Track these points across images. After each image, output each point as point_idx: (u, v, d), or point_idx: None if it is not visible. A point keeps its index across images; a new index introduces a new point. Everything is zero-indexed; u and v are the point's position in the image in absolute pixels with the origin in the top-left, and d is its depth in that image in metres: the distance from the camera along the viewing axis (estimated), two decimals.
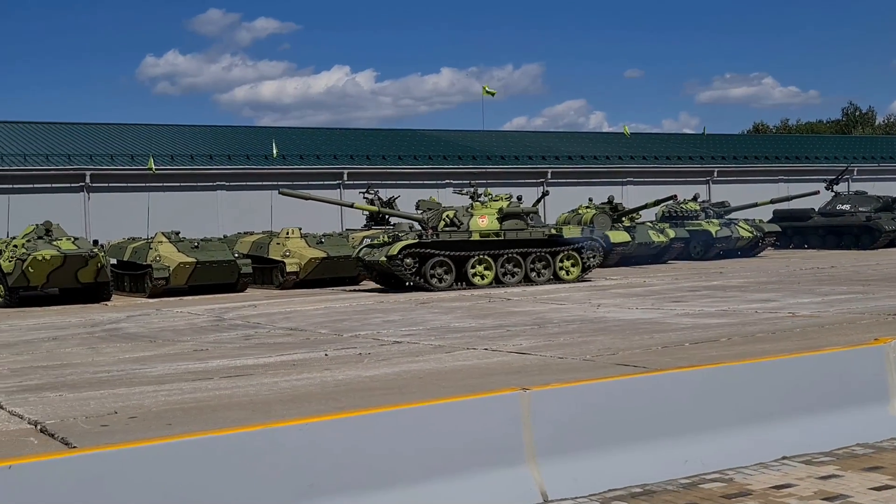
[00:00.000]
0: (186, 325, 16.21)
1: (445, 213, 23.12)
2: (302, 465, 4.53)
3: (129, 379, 10.02)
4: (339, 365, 10.50)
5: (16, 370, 11.08)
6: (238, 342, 13.30)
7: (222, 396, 8.69)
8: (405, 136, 43.99)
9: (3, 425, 7.66)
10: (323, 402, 8.11)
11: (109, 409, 8.14)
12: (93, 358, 12.03)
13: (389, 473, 4.70)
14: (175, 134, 39.24)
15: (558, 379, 8.28)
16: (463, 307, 17.49)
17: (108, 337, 14.61)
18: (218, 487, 4.36)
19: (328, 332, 14.06)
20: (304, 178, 35.21)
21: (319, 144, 39.38)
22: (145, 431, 7.08)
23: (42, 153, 32.30)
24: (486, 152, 40.75)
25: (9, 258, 21.46)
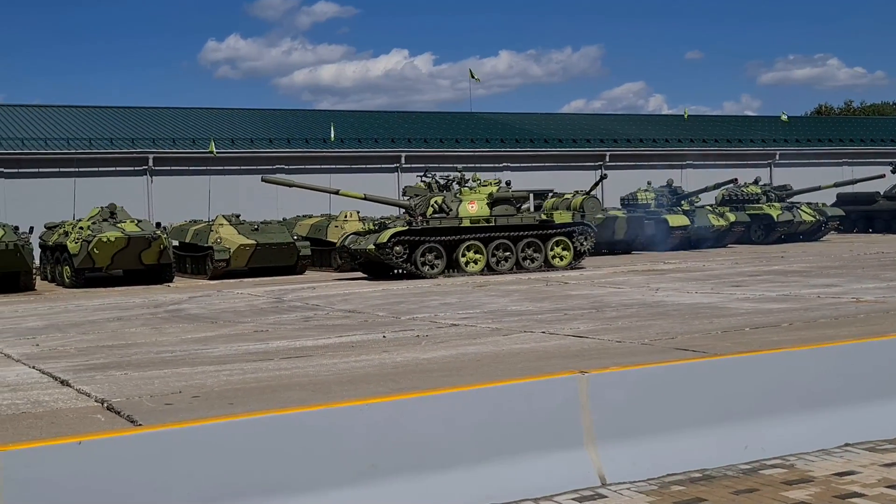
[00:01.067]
0: (247, 306, 16.43)
1: (434, 199, 22.60)
2: (362, 446, 4.58)
3: (191, 359, 10.19)
4: (396, 347, 10.58)
5: (82, 349, 11.33)
6: (297, 324, 13.45)
7: (282, 377, 8.80)
8: (462, 118, 43.93)
9: (71, 402, 7.85)
10: (381, 384, 8.18)
11: (173, 389, 8.29)
12: (156, 338, 12.25)
13: (448, 455, 4.74)
14: (235, 118, 39.65)
15: (616, 363, 8.26)
16: (520, 290, 17.48)
17: (170, 318, 14.86)
18: (279, 466, 4.44)
19: (386, 315, 14.15)
20: (362, 162, 35.40)
21: (377, 128, 39.51)
22: (208, 410, 7.21)
23: (107, 137, 32.87)
24: (544, 135, 40.54)
25: (75, 240, 21.92)
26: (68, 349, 11.38)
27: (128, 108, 39.34)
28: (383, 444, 4.62)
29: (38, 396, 8.15)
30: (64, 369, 9.58)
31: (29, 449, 4.19)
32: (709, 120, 50.77)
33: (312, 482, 4.47)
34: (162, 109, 39.74)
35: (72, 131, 33.37)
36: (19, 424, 7.02)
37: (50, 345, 11.81)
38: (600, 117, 49.84)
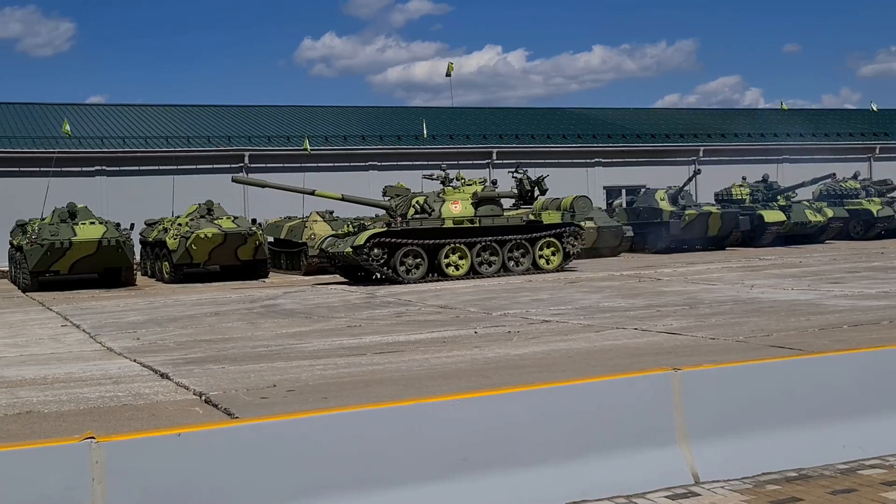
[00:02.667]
0: (340, 301, 16.63)
1: (415, 199, 21.33)
2: (454, 440, 4.61)
3: (286, 353, 10.37)
4: (488, 343, 10.59)
5: (181, 343, 11.62)
6: (390, 319, 13.57)
7: (375, 372, 8.90)
8: (554, 114, 43.70)
9: (170, 395, 8.06)
10: (473, 379, 8.20)
11: (268, 382, 8.45)
12: (252, 333, 12.50)
13: (541, 450, 4.74)
14: (329, 115, 40.14)
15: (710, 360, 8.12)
16: (612, 287, 17.33)
17: (266, 313, 15.14)
18: (374, 459, 4.49)
19: (477, 311, 14.18)
20: (454, 158, 35.46)
21: (469, 124, 39.55)
22: (303, 404, 7.32)
23: (204, 135, 33.61)
24: (636, 130, 40.07)
25: (174, 236, 22.50)
26: (167, 343, 11.68)
27: (225, 106, 40.16)
28: (475, 439, 4.64)
29: (139, 389, 8.39)
30: (163, 363, 9.84)
31: (131, 440, 4.32)
32: (806, 113, 49.48)
33: (405, 476, 4.51)
34: (258, 108, 40.46)
35: (171, 130, 34.22)
36: (121, 416, 7.24)
37: (150, 339, 12.15)
38: (694, 112, 49.01)
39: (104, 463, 4.09)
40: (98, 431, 4.29)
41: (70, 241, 20.92)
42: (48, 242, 20.84)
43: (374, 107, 44.26)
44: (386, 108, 44.36)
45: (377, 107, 44.53)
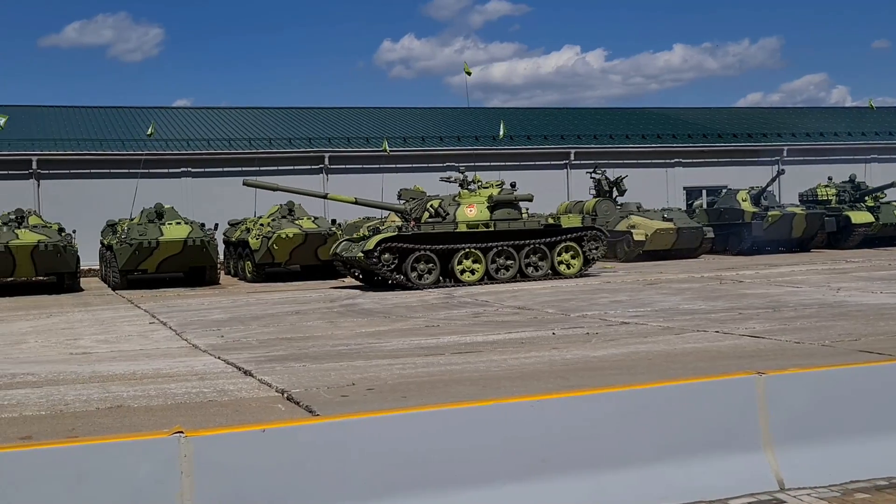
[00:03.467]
0: (418, 301, 16.73)
1: (430, 202, 20.63)
2: (533, 441, 4.61)
3: (365, 352, 10.48)
4: (566, 344, 10.56)
5: (263, 341, 11.82)
6: (467, 319, 13.61)
7: (453, 371, 8.93)
8: (633, 114, 43.30)
9: (253, 392, 8.21)
10: (551, 381, 8.18)
11: (348, 381, 8.54)
12: (332, 331, 12.65)
13: (621, 453, 4.71)
14: (407, 116, 40.37)
15: (795, 364, 7.99)
16: (693, 288, 17.11)
17: (345, 312, 15.30)
18: (452, 458, 4.52)
19: (555, 312, 14.13)
20: (531, 159, 35.42)
21: (547, 124, 39.42)
22: (382, 402, 7.39)
23: (286, 137, 34.10)
24: (717, 130, 39.48)
25: (256, 236, 22.89)
26: (250, 341, 11.89)
27: (306, 108, 40.68)
28: (554, 440, 4.64)
29: (224, 385, 8.56)
30: (246, 360, 10.02)
31: (217, 435, 4.42)
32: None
33: (484, 476, 4.53)
34: (338, 109, 40.89)
35: (253, 132, 34.79)
36: (206, 411, 7.40)
37: (233, 336, 12.38)
38: (778, 111, 48.10)
39: (192, 457, 4.19)
40: (185, 426, 4.40)
41: (157, 241, 21.42)
42: (136, 242, 21.37)
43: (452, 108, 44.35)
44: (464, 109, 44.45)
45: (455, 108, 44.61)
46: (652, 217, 27.20)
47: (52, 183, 29.99)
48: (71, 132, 32.97)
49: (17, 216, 21.89)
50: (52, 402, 7.91)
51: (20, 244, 20.49)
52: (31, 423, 7.14)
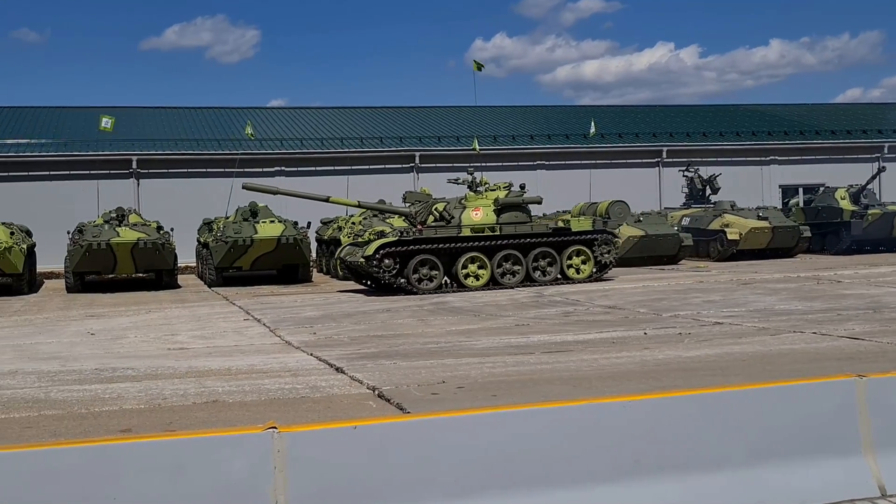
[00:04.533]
0: (508, 300, 16.71)
1: (435, 205, 19.95)
2: (625, 442, 4.57)
3: (456, 350, 10.51)
4: (658, 344, 10.43)
5: (355, 338, 11.95)
6: (557, 318, 13.54)
7: (543, 371, 8.90)
8: (727, 111, 42.53)
9: (345, 389, 8.30)
10: (643, 381, 8.09)
11: (439, 378, 8.58)
12: (422, 329, 12.72)
13: (714, 456, 4.63)
14: (497, 115, 40.37)
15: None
16: (789, 289, 16.74)
17: (435, 310, 15.37)
18: (543, 458, 4.50)
19: (647, 311, 13.97)
20: (622, 157, 35.07)
21: (638, 122, 38.99)
22: (472, 401, 7.41)
23: (377, 136, 34.42)
24: (815, 126, 38.51)
25: (348, 234, 23.15)
26: (342, 338, 12.03)
27: (396, 107, 41.00)
28: (646, 442, 4.59)
29: (316, 382, 8.67)
30: (338, 357, 10.14)
31: (310, 431, 4.48)
32: None
33: (575, 477, 4.50)
34: (428, 108, 41.11)
35: (345, 131, 35.20)
36: (299, 407, 7.51)
37: (325, 333, 12.54)
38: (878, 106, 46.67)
39: (285, 452, 4.25)
40: (278, 422, 4.47)
41: (252, 239, 21.82)
42: (232, 240, 21.82)
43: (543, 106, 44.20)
44: (554, 108, 44.24)
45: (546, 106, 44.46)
46: (746, 216, 26.66)
47: (151, 182, 30.81)
48: (169, 132, 33.83)
49: (118, 215, 22.55)
50: (151, 396, 8.12)
51: (121, 242, 21.09)
52: (131, 416, 7.34)
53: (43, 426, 7.02)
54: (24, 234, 23.03)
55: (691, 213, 28.39)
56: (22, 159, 30.20)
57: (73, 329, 14.03)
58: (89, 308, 17.69)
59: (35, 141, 31.63)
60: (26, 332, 13.83)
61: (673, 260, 25.80)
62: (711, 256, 26.68)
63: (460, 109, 41.31)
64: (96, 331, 13.66)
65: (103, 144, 30.98)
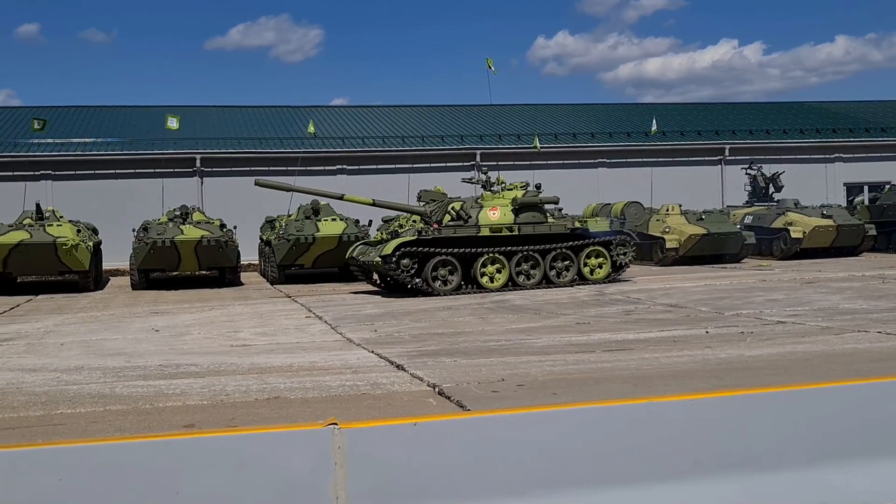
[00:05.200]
0: (569, 298, 16.64)
1: (451, 204, 19.47)
2: (685, 441, 4.52)
3: (515, 348, 10.50)
4: (720, 343, 10.31)
5: (415, 336, 11.99)
6: (618, 317, 13.45)
7: (604, 369, 8.86)
8: (791, 108, 41.87)
9: (405, 386, 8.34)
10: (704, 380, 8.01)
11: (499, 376, 8.58)
12: (483, 327, 12.72)
13: (776, 455, 4.57)
14: (559, 113, 40.22)
15: None
16: (853, 287, 16.43)
17: (496, 308, 15.36)
18: (603, 457, 4.47)
19: (708, 310, 13.81)
20: (684, 155, 34.71)
21: (700, 120, 38.57)
22: (532, 399, 7.40)
23: (438, 134, 34.50)
24: (881, 124, 37.72)
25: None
26: (403, 335, 12.08)
27: (458, 106, 41.06)
28: (707, 441, 4.54)
29: (377, 379, 8.73)
30: (399, 354, 10.19)
31: (370, 427, 4.50)
32: None
33: (634, 476, 4.47)
34: (489, 107, 41.10)
35: (407, 129, 35.34)
36: (360, 404, 7.56)
37: (386, 331, 12.61)
38: None
39: (345, 448, 4.28)
40: (339, 418, 4.50)
41: (313, 237, 22.03)
42: (294, 238, 22.04)
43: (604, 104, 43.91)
44: (616, 105, 43.94)
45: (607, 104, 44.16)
46: (810, 214, 26.23)
47: (215, 180, 31.24)
48: (233, 131, 34.28)
49: (182, 213, 22.91)
50: (214, 392, 8.24)
51: (185, 239, 21.41)
52: (194, 412, 7.46)
53: (108, 421, 7.17)
54: (90, 231, 23.51)
55: (754, 211, 28.01)
56: (89, 158, 30.84)
57: (137, 325, 14.29)
58: (154, 305, 18.01)
59: (102, 140, 32.28)
60: (92, 328, 14.12)
61: (735, 258, 25.48)
62: (774, 255, 26.30)
63: (521, 107, 41.25)
64: (160, 327, 13.90)
65: (168, 143, 31.50)
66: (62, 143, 31.54)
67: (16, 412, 7.64)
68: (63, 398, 8.19)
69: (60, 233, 21.12)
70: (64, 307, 18.01)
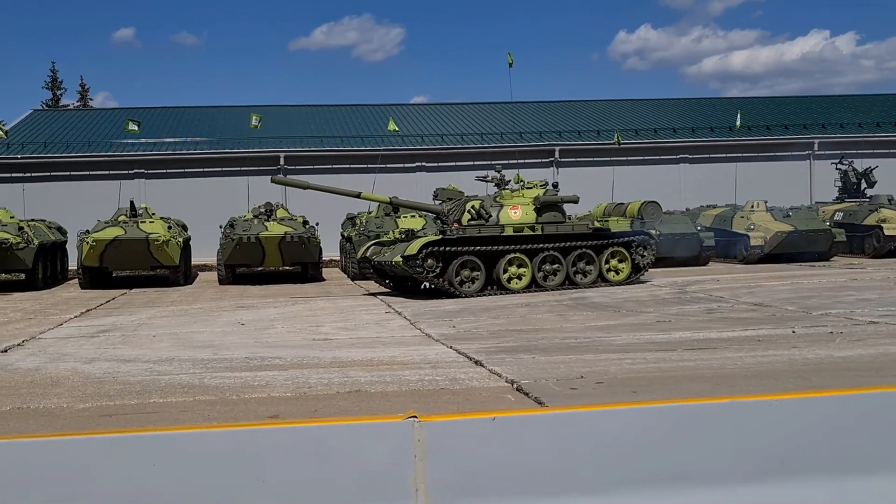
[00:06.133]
0: (649, 296, 16.47)
1: (469, 203, 18.82)
2: (770, 442, 4.44)
3: (595, 346, 10.43)
4: (807, 343, 10.10)
5: (494, 332, 12.00)
6: (701, 315, 13.27)
7: (685, 368, 8.75)
8: (885, 101, 40.73)
9: (484, 382, 8.35)
10: (790, 380, 7.86)
11: (577, 374, 8.53)
12: (561, 324, 12.67)
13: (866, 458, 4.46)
14: (639, 108, 39.81)
15: None
16: None
17: (574, 305, 15.28)
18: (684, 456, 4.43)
19: (795, 309, 13.54)
20: (769, 150, 34.05)
21: (788, 114, 37.79)
22: (611, 396, 7.35)
23: (516, 131, 34.43)
24: None
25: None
26: (481, 332, 12.10)
27: (536, 102, 40.92)
28: (793, 442, 4.45)
29: (455, 374, 8.76)
30: (477, 350, 10.21)
31: (449, 421, 4.53)
32: None
33: (717, 476, 4.41)
34: (569, 103, 40.89)
35: (485, 126, 35.35)
36: (439, 399, 7.60)
37: (464, 327, 12.64)
38: None
39: (425, 441, 4.32)
40: (418, 412, 4.54)
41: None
42: (374, 234, 22.26)
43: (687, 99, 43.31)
44: (699, 100, 43.30)
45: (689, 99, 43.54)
46: None
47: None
48: (315, 130, 34.71)
49: (266, 209, 23.31)
50: (297, 385, 8.37)
51: (269, 236, 21.78)
52: (278, 403, 7.59)
53: (197, 410, 7.34)
54: (180, 228, 24.07)
55: (845, 207, 27.35)
56: (179, 157, 31.55)
57: (224, 319, 14.58)
58: (239, 299, 18.35)
59: (191, 139, 33.00)
60: (182, 321, 14.45)
61: (824, 256, 24.91)
62: (866, 253, 25.66)
63: (600, 103, 40.93)
64: (246, 321, 14.16)
65: (253, 142, 32.05)
66: (154, 143, 32.35)
67: (112, 400, 7.89)
68: (155, 388, 8.41)
69: (152, 229, 21.72)
70: (155, 301, 18.47)
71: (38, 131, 34.29)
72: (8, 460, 4.06)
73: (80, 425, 6.88)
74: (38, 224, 23.61)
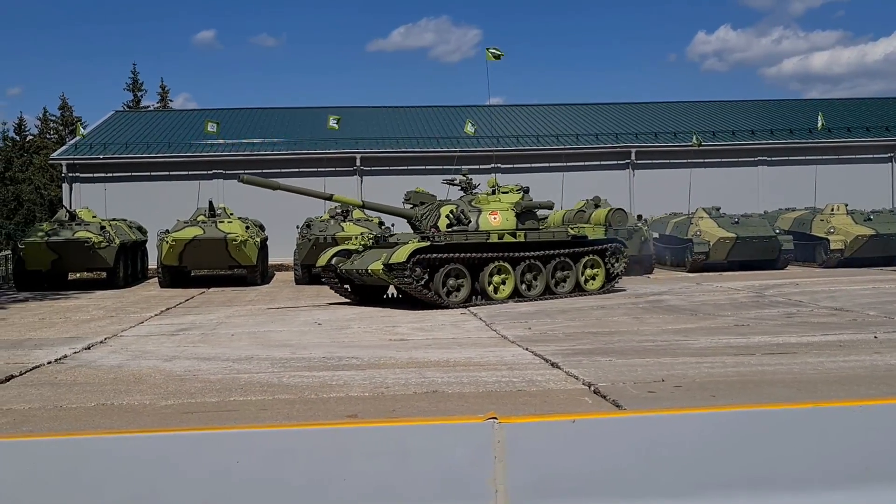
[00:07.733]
0: (727, 299, 16.27)
1: (446, 207, 17.74)
2: (855, 448, 4.40)
3: (672, 349, 10.35)
4: (890, 349, 9.89)
5: (569, 335, 11.98)
6: (780, 319, 13.08)
7: (765, 372, 8.64)
8: None
9: (561, 384, 8.36)
10: (872, 386, 7.72)
11: (656, 377, 8.49)
12: (638, 327, 12.59)
13: None
14: (717, 110, 39.27)
15: None
16: None
17: (651, 308, 15.17)
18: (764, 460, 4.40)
19: (877, 314, 13.26)
20: (850, 152, 33.33)
21: (870, 115, 36.94)
22: (690, 400, 7.30)
23: (593, 133, 34.24)
24: None
25: None
26: (557, 334, 12.09)
27: (613, 104, 40.62)
28: (879, 448, 4.40)
29: (532, 376, 8.78)
30: (553, 352, 10.21)
31: (529, 423, 4.56)
32: None
33: (801, 481, 4.38)
34: (645, 104, 40.51)
35: (561, 128, 35.22)
36: (516, 400, 7.63)
37: (540, 329, 12.64)
38: None
39: (504, 442, 4.36)
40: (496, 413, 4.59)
41: None
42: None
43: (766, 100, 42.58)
44: (778, 101, 42.55)
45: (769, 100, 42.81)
46: None
47: (374, 179, 31.93)
48: (391, 131, 34.95)
49: (342, 210, 23.57)
50: (375, 385, 8.47)
51: (345, 236, 22.03)
52: (356, 402, 7.69)
53: (276, 409, 7.47)
54: (258, 228, 24.47)
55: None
56: (257, 158, 32.05)
57: (301, 319, 14.79)
58: (316, 299, 18.58)
59: (269, 140, 33.50)
60: (260, 320, 14.69)
61: None
62: None
63: (677, 105, 40.48)
64: (323, 321, 14.35)
65: (330, 143, 32.41)
66: (233, 144, 32.91)
67: (193, 398, 8.07)
68: (235, 386, 8.59)
69: (230, 229, 22.12)
70: (233, 300, 18.81)
71: (119, 132, 35.14)
72: (93, 455, 4.21)
73: (162, 422, 7.07)
74: (119, 223, 24.23)
